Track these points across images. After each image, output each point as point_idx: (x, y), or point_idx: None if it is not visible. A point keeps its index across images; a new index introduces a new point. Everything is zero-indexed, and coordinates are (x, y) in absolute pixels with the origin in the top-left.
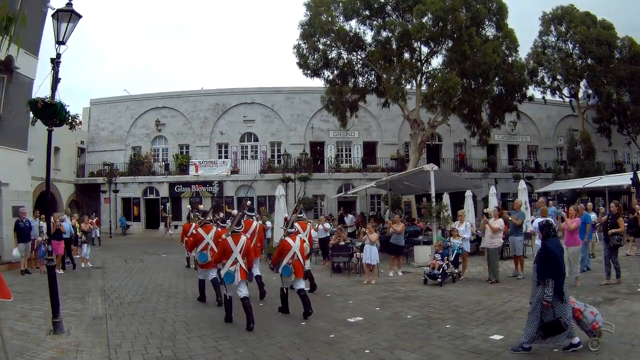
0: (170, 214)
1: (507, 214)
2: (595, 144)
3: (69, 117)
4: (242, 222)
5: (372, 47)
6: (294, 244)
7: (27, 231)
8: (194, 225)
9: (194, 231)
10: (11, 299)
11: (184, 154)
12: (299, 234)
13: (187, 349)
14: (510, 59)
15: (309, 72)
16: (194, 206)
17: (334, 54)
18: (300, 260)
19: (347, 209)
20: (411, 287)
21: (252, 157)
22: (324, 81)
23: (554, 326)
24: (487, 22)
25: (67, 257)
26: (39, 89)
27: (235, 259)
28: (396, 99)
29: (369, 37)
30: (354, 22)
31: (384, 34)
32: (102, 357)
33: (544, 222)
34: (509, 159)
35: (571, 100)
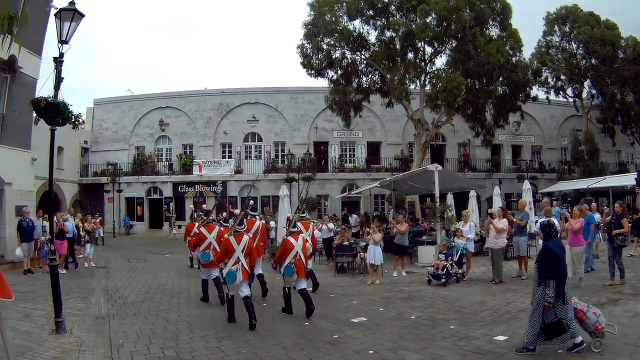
0: (173, 213)
1: (510, 214)
2: (599, 144)
3: (72, 117)
4: (244, 222)
5: (375, 47)
6: (297, 244)
7: (30, 231)
8: (197, 224)
9: (196, 230)
10: (12, 299)
11: (188, 153)
12: (301, 233)
13: (190, 349)
14: (514, 59)
15: (312, 72)
16: (197, 206)
17: (337, 53)
18: (302, 259)
19: (351, 209)
20: (415, 287)
21: (255, 157)
22: (327, 81)
23: (556, 327)
24: (491, 22)
25: (69, 257)
26: (41, 89)
27: (237, 258)
28: (400, 99)
29: (372, 37)
30: (357, 22)
31: (388, 33)
32: (105, 357)
33: (545, 222)
34: (513, 159)
35: (575, 100)
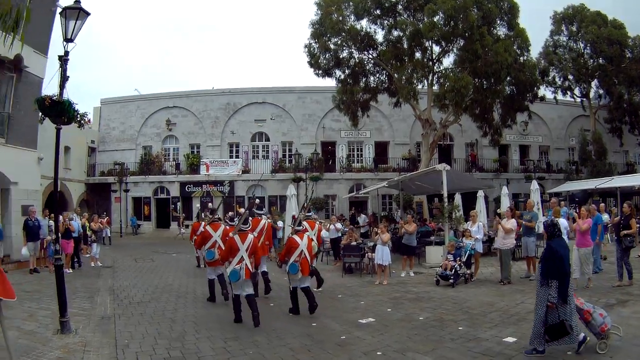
0: (182, 213)
1: (519, 216)
2: (607, 145)
3: (78, 115)
4: (249, 221)
5: (383, 46)
6: (302, 242)
7: (36, 230)
8: (203, 223)
9: (202, 229)
10: (15, 299)
11: (195, 153)
12: (306, 232)
13: (196, 350)
14: (521, 58)
15: (320, 71)
16: (204, 205)
17: (345, 53)
18: (307, 258)
19: (358, 209)
20: (423, 288)
21: (263, 156)
22: (335, 81)
23: (559, 329)
24: (498, 21)
25: (75, 256)
26: (47, 87)
27: (241, 257)
28: (408, 99)
29: (380, 36)
30: (364, 22)
31: (395, 33)
32: (110, 358)
33: (549, 222)
34: (520, 159)
35: (582, 100)
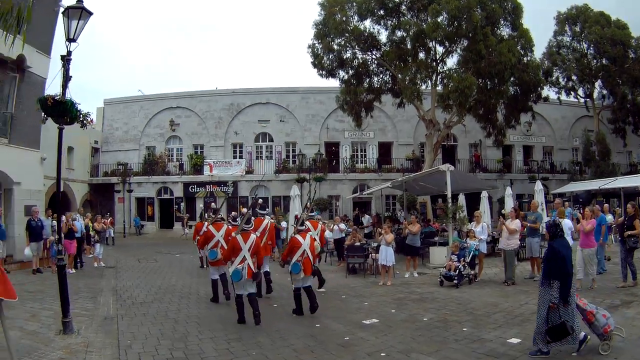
0: (186, 213)
1: (523, 217)
2: (610, 145)
3: (80, 115)
4: (251, 221)
5: (387, 46)
6: (304, 242)
7: (39, 230)
8: (206, 224)
9: (205, 229)
10: (16, 299)
11: (199, 154)
12: (309, 231)
13: (199, 351)
14: (525, 58)
15: (323, 72)
16: (207, 206)
17: (348, 53)
18: (310, 258)
19: (362, 209)
20: (427, 288)
21: (267, 157)
22: (339, 81)
23: (560, 329)
24: (502, 21)
25: (77, 257)
26: (49, 86)
27: (243, 257)
28: (411, 99)
29: (383, 36)
30: (368, 22)
31: (399, 33)
32: (112, 358)
33: (551, 222)
34: (524, 160)
35: (586, 100)
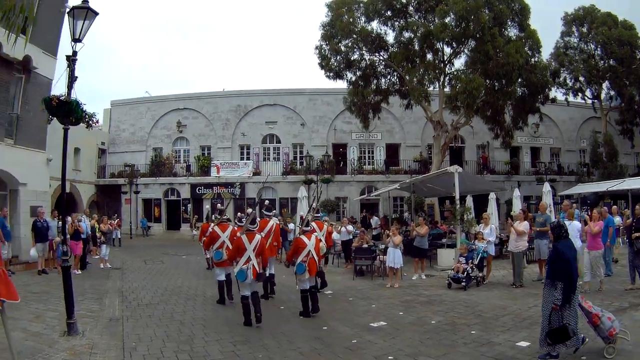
0: (193, 215)
1: (531, 217)
2: (618, 146)
3: (86, 116)
4: (256, 221)
5: (394, 48)
6: (309, 242)
7: (45, 231)
8: (212, 225)
9: (211, 230)
10: (18, 301)
11: (206, 155)
12: (314, 232)
13: (205, 354)
14: (533, 59)
15: (331, 73)
16: (214, 207)
17: (356, 55)
18: (315, 258)
19: (369, 211)
20: (435, 291)
21: (274, 158)
22: (346, 82)
23: (561, 332)
24: (509, 22)
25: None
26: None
27: (248, 257)
28: (419, 101)
29: (390, 37)
30: (375, 23)
31: (407, 34)
32: None
33: (555, 223)
34: (531, 162)
35: (594, 102)
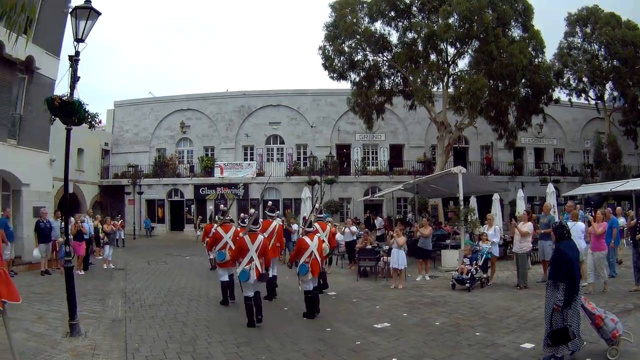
0: (197, 216)
1: (535, 218)
2: (621, 147)
3: (88, 116)
4: (259, 221)
5: (398, 48)
6: (312, 243)
7: (48, 232)
8: (215, 225)
9: (214, 231)
10: (20, 301)
11: (209, 156)
12: (317, 233)
13: (208, 355)
14: (536, 60)
15: (334, 74)
16: (217, 208)
17: (359, 55)
18: (317, 259)
19: (373, 212)
20: (439, 292)
21: (278, 159)
22: (350, 83)
23: (562, 334)
24: (513, 22)
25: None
26: (57, 86)
27: (251, 257)
28: (423, 101)
29: (394, 38)
30: (379, 24)
31: (410, 35)
32: None
33: (557, 224)
34: (535, 162)
35: (597, 102)
